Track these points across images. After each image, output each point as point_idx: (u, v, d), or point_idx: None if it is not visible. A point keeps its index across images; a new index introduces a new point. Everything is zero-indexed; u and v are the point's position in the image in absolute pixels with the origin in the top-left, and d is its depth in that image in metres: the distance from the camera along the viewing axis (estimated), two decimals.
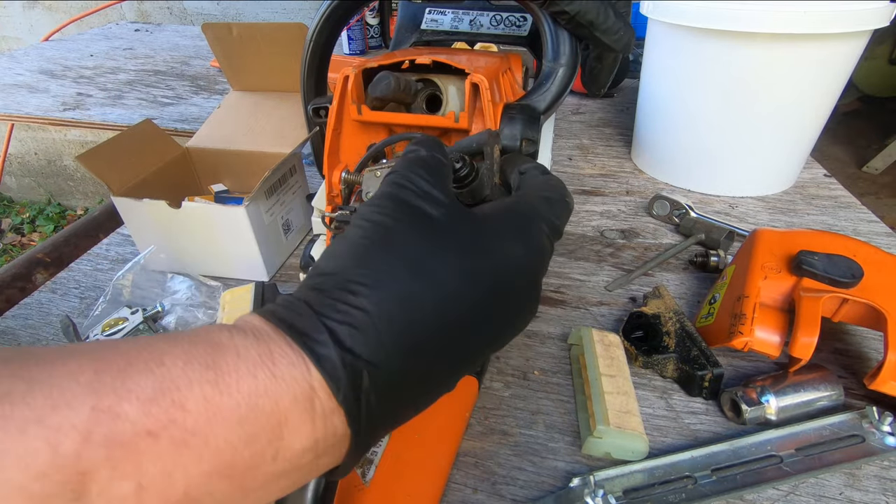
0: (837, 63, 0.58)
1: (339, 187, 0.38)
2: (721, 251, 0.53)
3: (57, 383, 0.13)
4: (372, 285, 0.17)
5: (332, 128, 0.36)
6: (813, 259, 0.38)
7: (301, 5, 1.79)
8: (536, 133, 0.35)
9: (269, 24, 0.62)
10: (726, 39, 0.57)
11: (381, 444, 0.34)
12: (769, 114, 0.61)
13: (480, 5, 0.48)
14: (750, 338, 0.37)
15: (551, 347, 0.45)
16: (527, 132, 0.35)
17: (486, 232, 0.20)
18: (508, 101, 0.37)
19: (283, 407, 0.15)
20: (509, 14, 0.47)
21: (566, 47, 0.37)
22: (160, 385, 0.14)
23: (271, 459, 0.15)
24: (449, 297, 0.18)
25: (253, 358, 0.16)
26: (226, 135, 0.64)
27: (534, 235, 0.21)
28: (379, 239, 0.19)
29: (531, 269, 0.21)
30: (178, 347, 0.15)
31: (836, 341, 0.44)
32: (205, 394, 0.14)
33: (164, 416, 0.14)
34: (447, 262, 0.19)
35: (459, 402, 0.38)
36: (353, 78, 0.35)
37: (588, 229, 0.62)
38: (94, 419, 0.13)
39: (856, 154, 2.14)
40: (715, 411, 0.39)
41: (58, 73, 1.20)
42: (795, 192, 0.68)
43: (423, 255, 0.18)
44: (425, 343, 0.18)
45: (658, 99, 0.69)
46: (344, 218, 0.32)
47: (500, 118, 0.35)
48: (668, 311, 0.43)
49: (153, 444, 0.13)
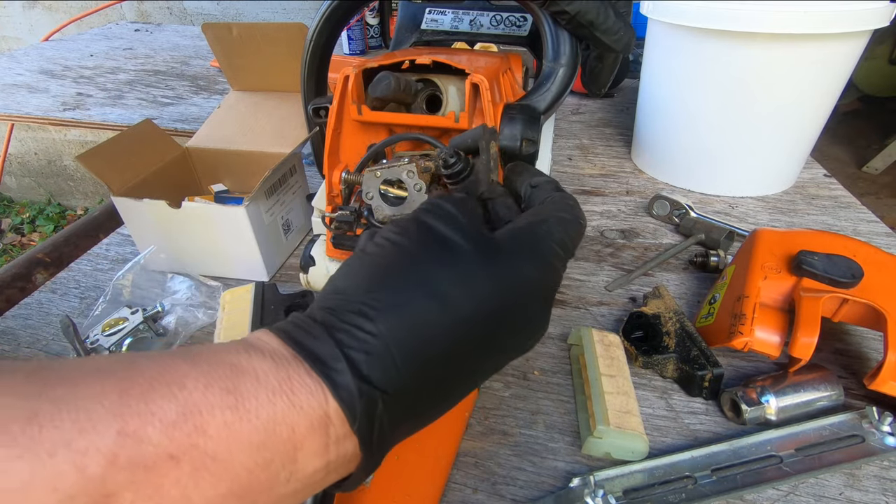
0: (837, 63, 0.58)
1: (339, 187, 0.38)
2: (721, 251, 0.53)
3: (83, 405, 0.14)
4: (387, 309, 0.18)
5: (332, 128, 0.36)
6: (813, 259, 0.38)
7: (301, 5, 1.79)
8: (537, 133, 0.35)
9: (268, 24, 0.62)
10: (726, 39, 0.57)
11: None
12: (769, 114, 0.61)
13: (480, 5, 0.48)
14: (750, 338, 0.37)
15: (551, 347, 0.45)
16: (527, 132, 0.35)
17: (501, 255, 0.20)
18: (508, 102, 0.37)
19: (300, 433, 0.16)
20: (509, 14, 0.47)
21: (566, 47, 0.37)
22: (182, 409, 0.14)
23: (285, 481, 0.16)
24: (462, 321, 0.18)
25: (272, 385, 0.16)
26: (226, 135, 0.64)
27: (548, 258, 0.21)
28: (396, 261, 0.19)
29: (544, 292, 0.21)
30: (198, 369, 0.16)
31: (836, 341, 0.44)
32: (225, 419, 0.15)
33: (186, 441, 0.14)
34: (460, 286, 0.19)
35: (459, 404, 0.38)
36: (353, 78, 0.35)
37: (588, 229, 0.62)
38: (120, 443, 0.13)
39: (856, 154, 2.14)
40: (715, 411, 0.39)
41: (58, 73, 1.20)
42: (795, 192, 0.68)
43: (438, 278, 0.19)
44: (437, 366, 0.18)
45: (658, 99, 0.69)
46: (344, 218, 0.32)
47: (500, 118, 0.35)
48: (668, 311, 0.43)
49: (174, 467, 0.14)
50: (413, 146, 0.37)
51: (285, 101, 0.66)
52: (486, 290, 0.19)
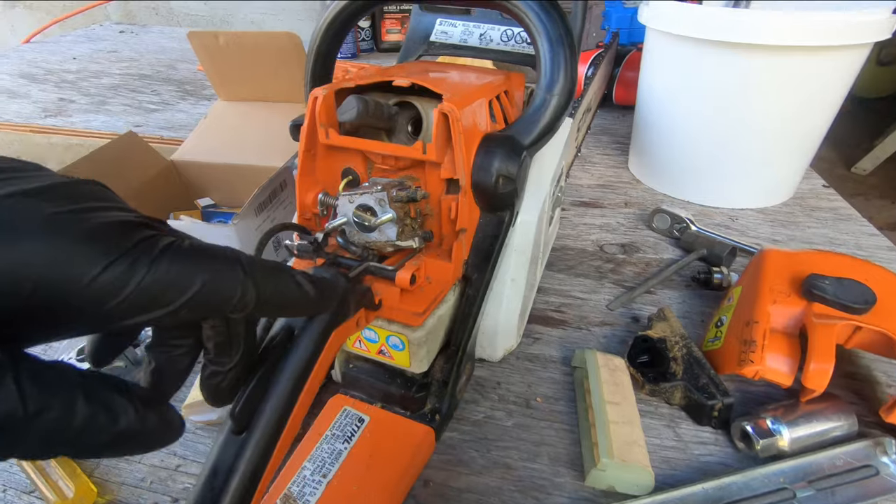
0: (838, 75, 0.57)
1: (312, 209, 0.36)
2: (724, 268, 0.52)
3: None
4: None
5: (304, 149, 0.34)
6: (824, 284, 0.37)
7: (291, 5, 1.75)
8: (515, 168, 0.33)
9: (257, 33, 0.60)
10: (726, 50, 0.56)
11: (316, 492, 0.32)
12: (769, 125, 0.60)
13: (493, 18, 0.46)
14: (761, 366, 0.36)
15: (553, 372, 0.44)
16: (504, 168, 0.33)
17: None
18: (489, 132, 0.35)
19: None
20: (521, 30, 0.45)
21: (562, 76, 0.35)
22: None
23: None
24: None
25: None
26: (213, 147, 0.62)
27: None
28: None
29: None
30: None
31: (847, 364, 0.43)
32: None
33: None
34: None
35: (405, 452, 0.35)
36: (321, 100, 0.33)
37: (587, 243, 0.60)
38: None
39: (844, 155, 2.15)
40: (725, 442, 0.37)
41: (39, 77, 1.16)
42: (795, 203, 0.68)
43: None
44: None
45: (656, 108, 0.68)
46: (303, 248, 0.30)
47: (477, 149, 0.33)
48: (675, 336, 0.42)
49: None
50: (390, 174, 0.35)
51: (275, 111, 0.64)
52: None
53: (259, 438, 0.22)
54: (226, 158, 0.60)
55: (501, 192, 0.33)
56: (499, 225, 0.36)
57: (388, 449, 0.35)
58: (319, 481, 0.32)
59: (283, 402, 0.23)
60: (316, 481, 0.32)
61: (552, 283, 0.54)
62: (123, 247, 0.15)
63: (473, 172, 0.33)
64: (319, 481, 0.32)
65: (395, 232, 0.31)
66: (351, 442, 0.35)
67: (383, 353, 0.35)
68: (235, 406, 0.22)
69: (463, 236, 0.34)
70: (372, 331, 0.34)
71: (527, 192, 0.39)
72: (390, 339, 0.34)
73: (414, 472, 0.35)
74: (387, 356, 0.35)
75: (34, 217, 0.14)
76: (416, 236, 0.33)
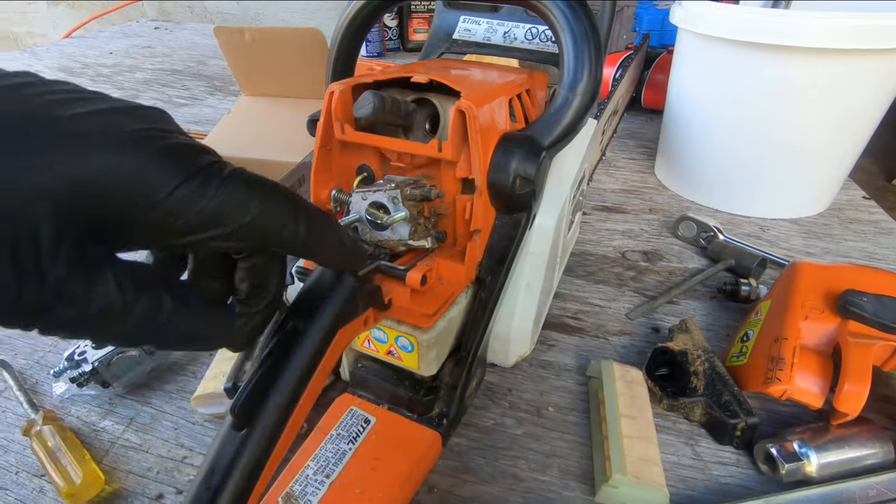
0: (885, 81, 0.54)
1: (326, 205, 0.36)
2: (752, 280, 0.50)
3: None
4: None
5: (320, 144, 0.34)
6: (862, 301, 0.34)
7: (321, 5, 1.77)
8: (533, 169, 0.32)
9: (282, 29, 0.60)
10: (764, 52, 0.53)
11: (318, 492, 0.31)
12: (808, 132, 0.57)
13: (518, 16, 0.45)
14: (789, 386, 0.34)
15: (567, 381, 0.42)
16: (521, 168, 0.32)
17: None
18: (508, 131, 0.34)
19: None
20: (546, 28, 0.44)
21: (586, 74, 0.34)
22: None
23: None
24: None
25: None
26: (236, 141, 0.62)
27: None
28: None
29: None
30: None
31: (883, 387, 0.40)
32: None
33: None
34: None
35: (410, 456, 0.34)
36: (338, 95, 0.32)
37: (609, 249, 0.59)
38: None
39: (885, 167, 2.05)
40: (747, 463, 0.35)
41: (76, 71, 1.20)
42: (831, 214, 0.64)
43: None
44: None
45: (687, 112, 0.65)
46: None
47: (494, 148, 0.32)
48: (697, 349, 0.40)
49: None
50: (406, 172, 0.34)
51: (298, 107, 0.64)
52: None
53: (260, 436, 0.21)
54: (247, 153, 0.61)
55: (518, 194, 0.32)
56: (515, 227, 0.35)
57: (393, 452, 0.34)
58: (322, 481, 0.32)
59: (285, 400, 0.22)
60: (318, 481, 0.32)
61: (570, 289, 0.52)
62: (196, 167, 0.16)
63: (490, 172, 0.32)
64: (322, 481, 0.32)
65: (407, 231, 0.30)
66: (356, 443, 0.34)
67: (392, 354, 0.34)
68: (237, 402, 0.22)
69: (477, 237, 0.33)
70: (381, 331, 0.33)
71: (546, 194, 0.37)
72: (399, 339, 0.33)
73: (419, 477, 0.35)
74: (396, 357, 0.34)
75: (122, 132, 0.16)
76: (430, 236, 0.32)
